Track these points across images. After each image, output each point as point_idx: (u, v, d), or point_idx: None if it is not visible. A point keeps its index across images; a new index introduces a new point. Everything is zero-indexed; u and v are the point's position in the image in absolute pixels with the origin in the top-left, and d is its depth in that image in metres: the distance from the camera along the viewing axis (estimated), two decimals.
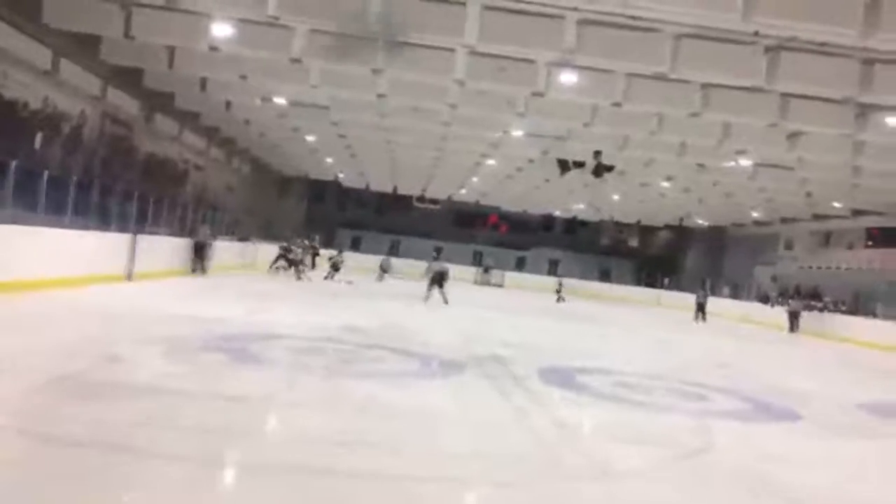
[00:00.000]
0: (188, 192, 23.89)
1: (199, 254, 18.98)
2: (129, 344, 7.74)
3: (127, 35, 13.79)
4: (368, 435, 5.30)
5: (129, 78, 18.58)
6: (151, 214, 17.55)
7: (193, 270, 18.66)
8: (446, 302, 18.62)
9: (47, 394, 5.32)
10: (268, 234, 30.77)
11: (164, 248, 17.50)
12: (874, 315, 24.81)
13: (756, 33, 10.87)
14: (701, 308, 26.80)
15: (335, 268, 24.24)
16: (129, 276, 14.77)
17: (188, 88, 19.41)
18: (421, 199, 41.34)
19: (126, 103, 19.68)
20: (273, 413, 5.77)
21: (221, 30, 13.30)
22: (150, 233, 16.87)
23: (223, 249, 21.39)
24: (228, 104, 21.34)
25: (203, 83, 18.88)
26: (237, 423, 5.20)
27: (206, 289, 15.83)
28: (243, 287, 17.95)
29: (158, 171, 21.34)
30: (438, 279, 19.37)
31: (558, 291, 29.56)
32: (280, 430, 5.48)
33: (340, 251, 26.45)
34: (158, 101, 21.00)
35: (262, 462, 4.40)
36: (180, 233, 19.31)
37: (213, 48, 14.25)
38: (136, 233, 15.31)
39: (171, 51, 15.99)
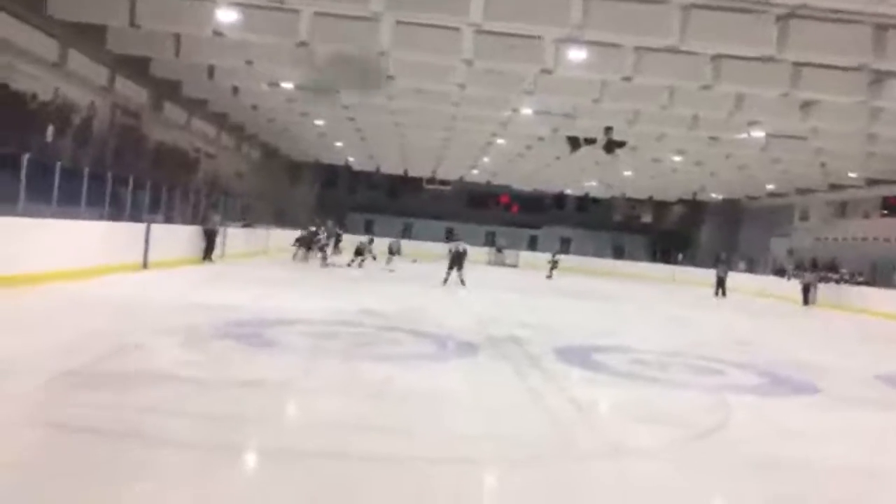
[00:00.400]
0: (199, 179, 23.94)
1: (211, 241, 19.08)
2: (144, 333, 7.81)
3: (132, 24, 13.79)
4: (384, 418, 5.33)
5: (136, 67, 18.60)
6: (164, 203, 17.67)
7: (205, 258, 18.77)
8: (464, 284, 18.60)
9: (63, 382, 5.39)
10: (280, 220, 30.88)
11: (177, 237, 17.62)
12: (892, 286, 24.58)
13: (766, 1, 10.67)
14: (721, 283, 26.65)
15: (359, 253, 23.20)
16: (144, 265, 14.91)
17: (195, 76, 19.40)
18: (431, 180, 41.26)
19: (134, 92, 19.71)
20: (288, 398, 5.81)
21: (226, 15, 13.25)
22: (164, 221, 17.00)
23: (235, 236, 21.49)
24: (236, 90, 21.31)
25: (210, 70, 18.87)
26: (251, 409, 5.24)
27: (219, 276, 15.94)
28: (256, 273, 18.06)
29: (169, 159, 21.38)
30: (457, 260, 19.27)
31: (552, 268, 28.85)
32: (295, 415, 5.52)
33: (371, 239, 25.47)
34: (166, 90, 21.03)
35: (276, 447, 4.44)
36: (193, 220, 19.41)
37: (219, 34, 14.22)
38: (149, 222, 15.42)
39: (177, 38, 15.96)
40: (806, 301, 24.98)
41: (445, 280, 18.90)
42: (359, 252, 23.33)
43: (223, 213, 21.32)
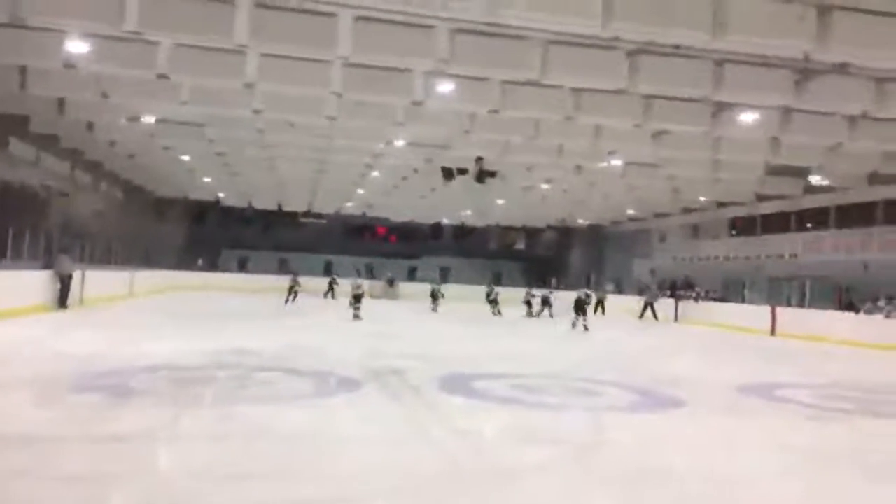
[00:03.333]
0: (52, 220, 22.26)
1: (64, 286, 17.62)
2: None
3: None
4: (262, 463, 5.08)
5: None
6: (11, 247, 16.26)
7: (61, 305, 17.34)
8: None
9: None
10: (147, 261, 29.25)
11: (27, 283, 16.22)
12: (743, 300, 26.67)
13: (616, 38, 11.40)
14: (649, 307, 26.73)
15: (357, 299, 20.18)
16: None
17: (44, 110, 18.10)
18: (307, 214, 40.65)
19: None
20: (156, 451, 5.40)
21: (77, 47, 12.48)
22: (11, 267, 15.61)
23: (96, 280, 20.07)
24: (90, 125, 20.10)
25: (61, 104, 17.68)
26: (118, 466, 4.83)
27: (75, 323, 14.76)
28: (119, 319, 16.91)
29: (15, 200, 19.75)
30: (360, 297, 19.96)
31: (493, 302, 26.31)
32: (165, 468, 5.14)
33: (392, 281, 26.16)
34: (12, 125, 19.48)
35: None
36: (46, 265, 17.95)
37: (69, 66, 13.36)
38: None
39: (22, 70, 14.86)
40: (647, 316, 26.45)
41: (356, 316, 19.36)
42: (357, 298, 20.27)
43: (80, 255, 19.87)
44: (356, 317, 19.34)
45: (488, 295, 27.01)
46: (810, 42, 10.65)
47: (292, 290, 26.65)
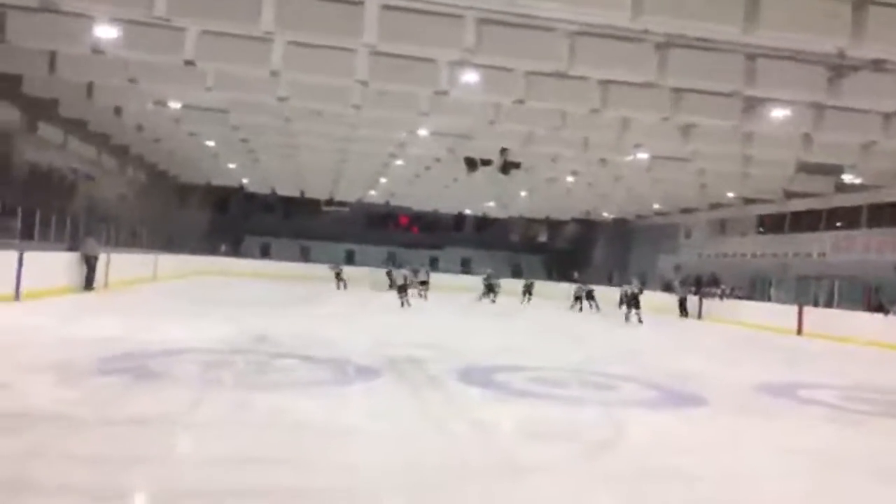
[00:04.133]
0: (78, 203, 22.56)
1: (90, 269, 17.87)
2: (15, 370, 7.16)
3: (1, 40, 12.86)
4: (276, 450, 5.09)
5: (6, 85, 17.35)
6: (39, 229, 16.49)
7: (87, 287, 17.59)
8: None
9: None
10: (169, 245, 29.57)
11: (54, 265, 16.45)
12: (769, 299, 26.29)
13: (645, 30, 11.22)
14: (588, 296, 26.69)
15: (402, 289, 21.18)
16: (16, 297, 13.80)
17: (73, 94, 18.32)
18: (329, 202, 40.76)
19: (5, 112, 18.39)
20: (174, 434, 5.44)
21: (106, 32, 12.57)
22: (39, 249, 15.84)
23: (120, 263, 20.32)
24: (118, 110, 20.29)
25: (89, 88, 17.86)
26: (137, 448, 4.87)
27: (99, 306, 14.96)
28: (142, 302, 17.11)
29: (44, 183, 20.04)
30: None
31: (492, 290, 27.45)
32: (182, 452, 5.17)
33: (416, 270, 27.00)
34: (41, 109, 19.74)
35: (163, 487, 4.16)
36: (72, 247, 18.20)
37: (98, 51, 13.48)
38: (22, 250, 14.32)
39: (52, 55, 15.03)
40: (683, 313, 26.25)
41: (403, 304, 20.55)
42: (402, 288, 21.25)
43: (105, 238, 20.11)
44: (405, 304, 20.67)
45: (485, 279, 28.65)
46: (844, 38, 10.39)
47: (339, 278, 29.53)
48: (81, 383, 6.92)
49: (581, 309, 26.28)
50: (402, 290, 20.91)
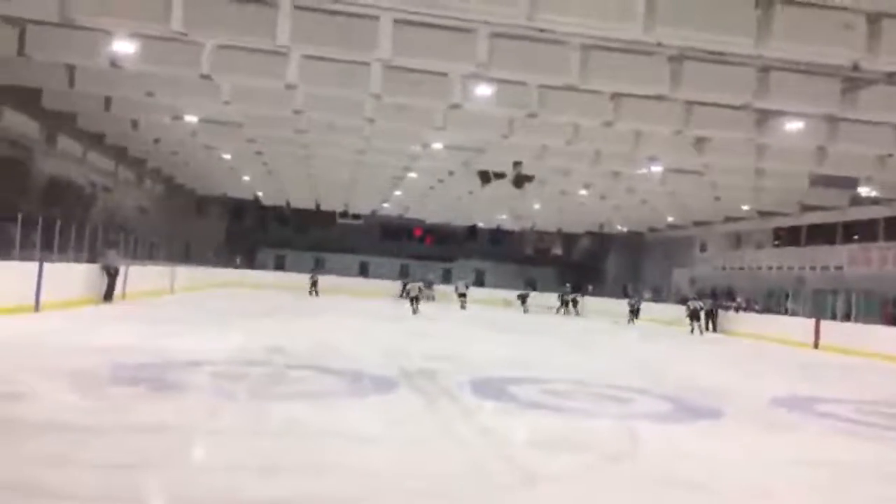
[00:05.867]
0: (97, 215, 22.83)
1: (110, 280, 18.08)
2: (34, 378, 7.26)
3: (21, 53, 13.10)
4: (293, 459, 5.13)
5: (26, 98, 17.65)
6: (58, 240, 16.69)
7: (106, 298, 17.77)
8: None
9: None
10: (186, 257, 29.80)
11: (73, 276, 16.64)
12: (785, 312, 26.05)
13: (658, 43, 11.24)
14: (697, 316, 26.51)
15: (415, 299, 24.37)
16: (36, 307, 13.97)
17: (91, 108, 18.61)
18: (344, 214, 40.93)
19: (25, 125, 18.69)
20: (190, 443, 5.51)
21: (123, 47, 12.78)
22: (58, 260, 16.03)
23: (138, 275, 20.53)
24: (135, 123, 20.56)
25: (107, 102, 18.12)
26: (153, 456, 4.93)
27: (119, 316, 15.12)
28: (159, 313, 17.25)
29: (63, 194, 20.32)
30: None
31: (462, 295, 30.80)
32: (198, 460, 5.24)
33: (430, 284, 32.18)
34: (60, 122, 20.05)
35: (179, 495, 4.21)
36: (91, 259, 18.41)
37: (116, 66, 13.69)
38: (41, 260, 14.51)
39: (71, 69, 15.28)
40: (694, 328, 25.91)
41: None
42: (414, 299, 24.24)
43: (124, 250, 20.34)
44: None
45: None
46: (859, 50, 10.36)
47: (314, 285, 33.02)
48: (99, 392, 7.01)
49: (633, 321, 28.51)
50: (414, 300, 23.50)
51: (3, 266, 13.38)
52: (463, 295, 30.78)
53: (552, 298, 34.65)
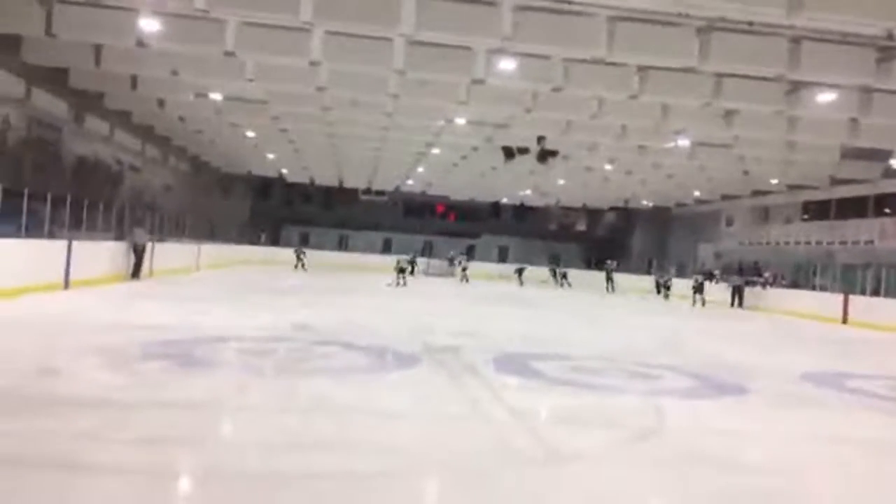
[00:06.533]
0: (124, 193, 23.13)
1: (138, 257, 18.36)
2: (66, 355, 7.43)
3: (48, 33, 13.22)
4: (320, 434, 5.20)
5: (54, 78, 17.84)
6: (86, 219, 16.96)
7: (134, 275, 18.06)
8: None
9: None
10: (211, 235, 30.12)
11: (101, 254, 16.91)
12: (813, 287, 25.70)
13: (686, 14, 11.01)
14: (666, 287, 29.38)
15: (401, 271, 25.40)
16: (65, 285, 14.24)
17: (118, 87, 18.76)
18: (367, 191, 41.01)
19: (53, 105, 18.91)
20: (220, 419, 5.60)
21: (149, 25, 12.84)
22: (87, 238, 16.30)
23: (165, 252, 20.81)
24: (161, 101, 20.70)
25: (133, 81, 18.26)
26: (183, 431, 5.03)
27: (145, 294, 15.37)
28: (186, 290, 17.50)
29: (91, 173, 20.60)
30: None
31: (464, 269, 32.08)
32: (228, 435, 5.33)
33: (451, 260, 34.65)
34: (87, 102, 20.26)
35: (210, 469, 4.29)
36: (118, 237, 18.69)
37: (142, 44, 13.77)
38: (70, 239, 14.76)
39: (98, 48, 15.40)
40: (732, 303, 25.88)
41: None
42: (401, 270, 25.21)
43: (150, 228, 20.60)
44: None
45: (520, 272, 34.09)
46: (893, 19, 10.06)
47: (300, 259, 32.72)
48: (130, 368, 7.14)
49: (667, 297, 29.09)
50: (401, 272, 24.99)
51: (33, 245, 13.63)
52: (465, 269, 32.33)
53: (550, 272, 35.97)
